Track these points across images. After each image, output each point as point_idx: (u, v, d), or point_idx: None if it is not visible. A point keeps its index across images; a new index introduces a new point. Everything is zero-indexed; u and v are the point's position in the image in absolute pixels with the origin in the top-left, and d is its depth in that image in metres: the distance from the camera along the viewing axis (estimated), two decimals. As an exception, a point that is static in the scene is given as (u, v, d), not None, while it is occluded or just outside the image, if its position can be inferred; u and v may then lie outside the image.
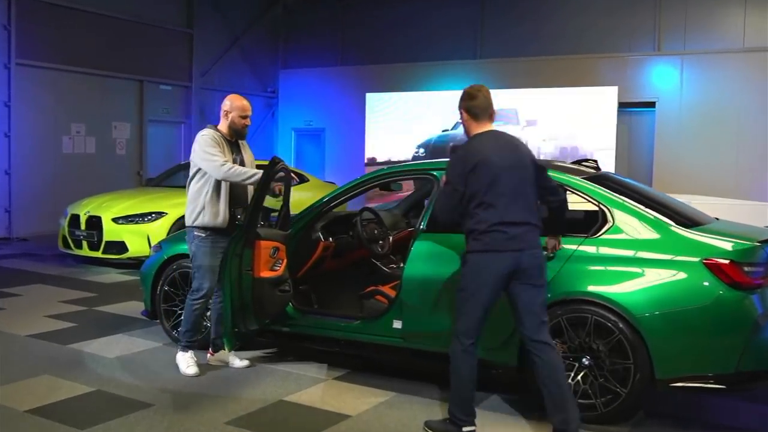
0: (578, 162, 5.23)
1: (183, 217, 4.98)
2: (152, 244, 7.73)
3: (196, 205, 4.74)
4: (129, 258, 9.07)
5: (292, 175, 5.09)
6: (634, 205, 4.29)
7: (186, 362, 4.87)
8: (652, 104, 13.16)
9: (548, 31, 14.22)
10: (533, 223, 3.80)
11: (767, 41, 12.40)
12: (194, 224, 4.74)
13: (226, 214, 4.74)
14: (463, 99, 3.99)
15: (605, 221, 4.26)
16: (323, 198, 5.15)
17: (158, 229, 8.90)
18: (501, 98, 13.42)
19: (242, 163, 4.83)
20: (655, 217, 4.21)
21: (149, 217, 9.11)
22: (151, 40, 14.29)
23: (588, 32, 13.86)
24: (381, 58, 15.55)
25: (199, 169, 4.74)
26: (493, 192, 3.76)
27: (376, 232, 5.41)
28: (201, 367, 4.89)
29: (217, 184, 4.71)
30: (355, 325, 4.90)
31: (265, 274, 4.56)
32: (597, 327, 4.07)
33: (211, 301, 4.90)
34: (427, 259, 4.50)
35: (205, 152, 4.67)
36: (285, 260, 4.78)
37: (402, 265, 5.66)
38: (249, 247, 4.49)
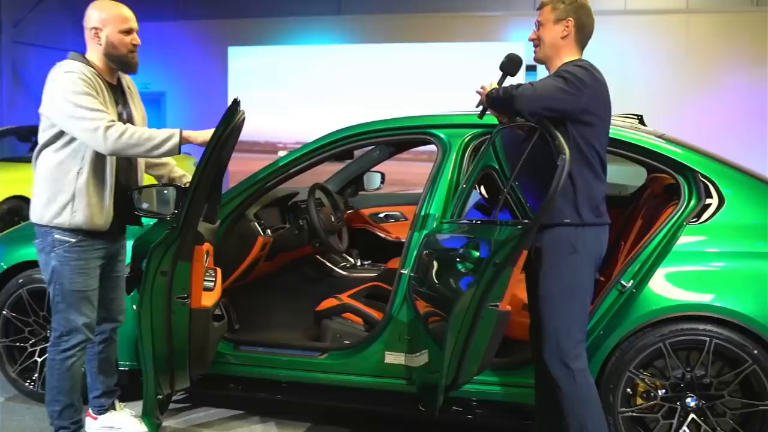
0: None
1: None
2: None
3: (57, 191, 2.84)
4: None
5: None
6: (751, 176, 3.01)
7: None
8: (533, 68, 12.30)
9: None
10: None
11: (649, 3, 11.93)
12: (55, 224, 2.86)
13: (111, 207, 2.92)
14: (576, 7, 2.68)
15: (707, 199, 2.95)
16: (260, 172, 3.43)
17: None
18: (374, 55, 12.20)
19: (130, 120, 2.99)
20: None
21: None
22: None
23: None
24: (234, 11, 13.51)
25: (62, 133, 2.84)
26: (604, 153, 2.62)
27: (332, 219, 3.77)
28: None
29: (98, 158, 2.85)
30: (321, 361, 3.29)
31: (207, 300, 2.80)
32: (717, 354, 2.78)
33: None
34: (448, 257, 2.95)
35: (75, 105, 2.75)
36: (219, 271, 3.05)
37: (384, 266, 4.14)
38: (185, 258, 2.69)
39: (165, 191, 3.17)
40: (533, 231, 2.21)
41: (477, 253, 2.34)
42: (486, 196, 3.30)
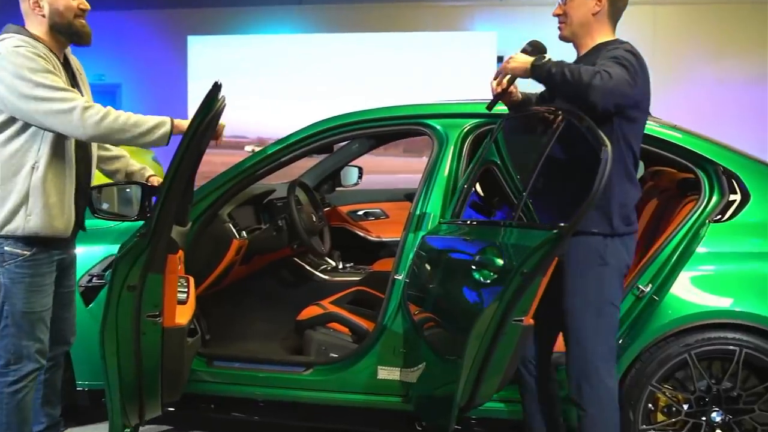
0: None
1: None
2: None
3: (7, 192, 2.42)
4: None
5: None
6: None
7: None
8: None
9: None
10: None
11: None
12: (5, 232, 2.43)
13: (72, 209, 2.54)
14: None
15: (731, 195, 2.70)
16: (235, 168, 3.07)
17: None
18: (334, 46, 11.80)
19: None
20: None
21: None
22: None
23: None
24: (193, 0, 12.98)
25: (11, 121, 2.41)
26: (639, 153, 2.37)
27: (314, 219, 3.44)
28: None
29: (57, 149, 2.44)
30: (305, 377, 2.96)
31: (182, 317, 2.43)
32: (746, 365, 2.54)
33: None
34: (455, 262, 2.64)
35: (36, 84, 2.33)
36: (191, 280, 2.69)
37: (368, 269, 3.82)
38: (156, 269, 2.32)
39: (127, 189, 2.81)
40: (569, 236, 1.91)
41: (495, 260, 2.04)
42: (482, 193, 3.02)
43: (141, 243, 2.25)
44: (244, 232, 3.24)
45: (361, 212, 4.52)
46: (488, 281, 2.06)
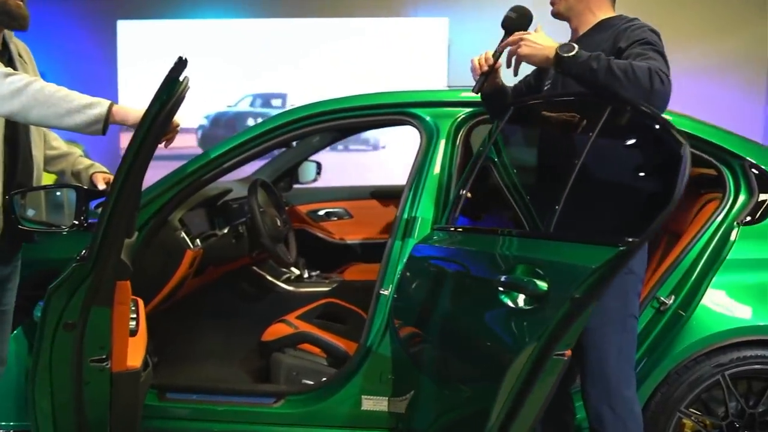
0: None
1: None
2: None
3: None
4: None
5: None
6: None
7: None
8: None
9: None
10: None
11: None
12: None
13: (0, 213, 2.07)
14: None
15: (761, 194, 2.39)
16: (186, 167, 2.60)
17: None
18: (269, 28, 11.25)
19: None
20: None
21: None
22: None
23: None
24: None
25: None
26: None
27: (278, 223, 3.00)
28: None
29: None
30: (276, 410, 2.54)
31: (134, 358, 1.95)
32: (786, 387, 2.25)
33: None
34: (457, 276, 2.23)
35: None
36: (140, 303, 2.23)
37: (337, 277, 3.40)
38: (102, 301, 1.83)
39: (58, 193, 2.33)
40: (633, 254, 1.54)
41: (532, 282, 1.65)
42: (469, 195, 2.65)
43: (81, 269, 1.77)
44: (198, 240, 2.79)
45: (321, 212, 4.10)
46: (523, 307, 1.68)
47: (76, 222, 2.19)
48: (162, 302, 2.72)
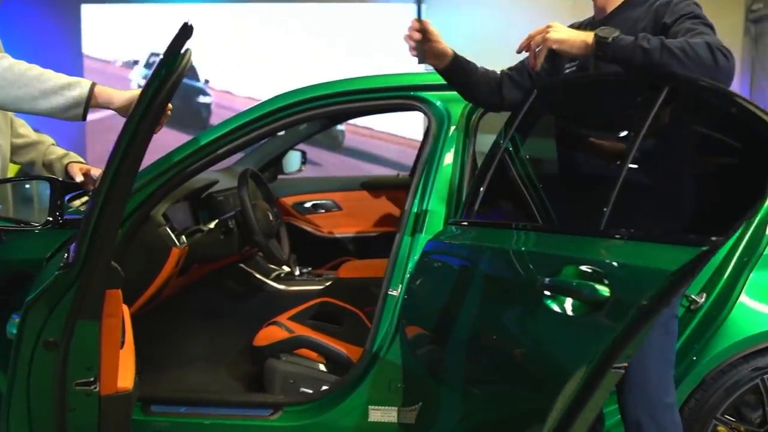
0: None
1: None
2: None
3: None
4: None
5: None
6: None
7: None
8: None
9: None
10: None
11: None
12: None
13: None
14: None
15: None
16: (172, 156, 2.35)
17: None
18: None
19: None
20: None
21: None
22: None
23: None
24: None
25: None
26: None
27: (270, 217, 2.76)
28: None
29: None
30: (273, 423, 2.32)
31: (125, 378, 1.70)
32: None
33: None
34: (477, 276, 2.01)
35: None
36: (126, 311, 1.98)
37: (330, 275, 3.18)
38: (89, 314, 1.56)
39: (27, 185, 2.08)
40: (713, 255, 1.35)
41: (587, 285, 1.45)
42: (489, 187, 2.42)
43: (64, 278, 1.52)
44: (183, 237, 2.54)
45: (308, 204, 3.86)
46: (576, 313, 1.48)
47: (51, 218, 1.94)
48: (144, 305, 2.48)
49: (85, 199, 2.48)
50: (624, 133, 1.65)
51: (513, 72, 2.14)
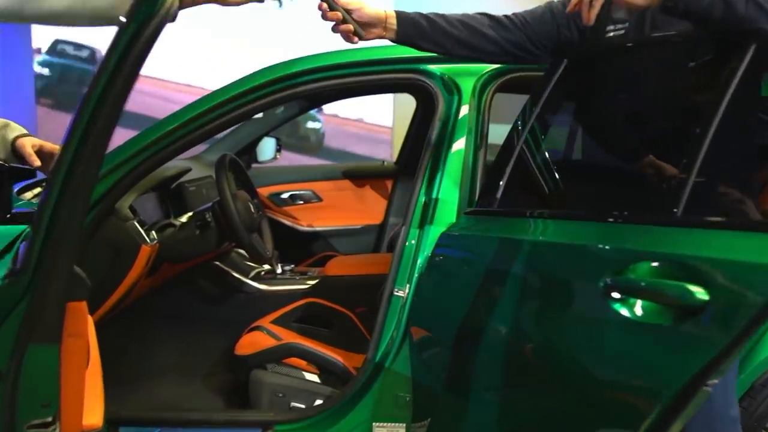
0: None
1: None
2: None
3: None
4: None
5: None
6: None
7: None
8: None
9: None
10: None
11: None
12: None
13: None
14: None
15: None
16: (139, 139, 2.03)
17: None
18: None
19: None
20: None
21: None
22: None
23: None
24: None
25: None
26: None
27: (252, 210, 2.44)
28: None
29: None
30: (263, 443, 2.03)
31: (94, 413, 1.37)
32: None
33: None
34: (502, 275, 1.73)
35: None
36: (90, 321, 1.66)
37: (314, 272, 2.89)
38: (46, 336, 1.20)
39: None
40: None
41: (676, 287, 1.17)
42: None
43: (11, 290, 1.18)
44: (153, 233, 2.22)
45: (285, 195, 3.55)
46: (656, 321, 1.21)
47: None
48: (108, 312, 2.15)
49: (38, 190, 2.15)
50: (698, 102, 1.39)
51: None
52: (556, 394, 1.42)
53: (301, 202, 3.55)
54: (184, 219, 2.43)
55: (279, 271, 2.83)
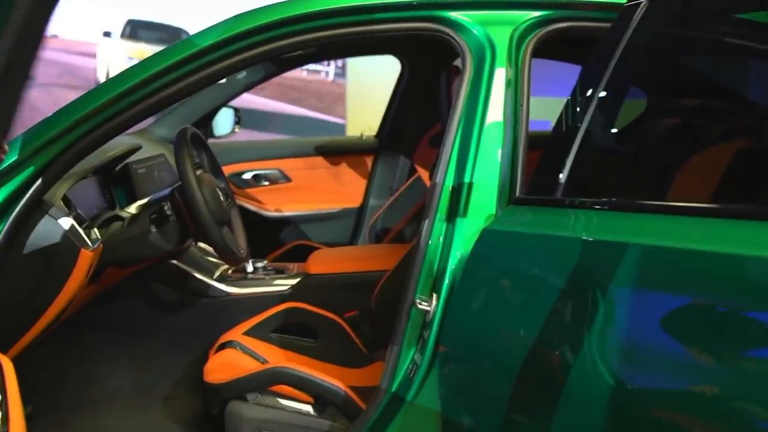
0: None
1: None
2: None
3: None
4: None
5: None
6: None
7: None
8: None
9: None
10: None
11: None
12: None
13: None
14: None
15: None
16: (74, 109, 1.53)
17: None
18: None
19: None
20: None
21: None
22: None
23: None
24: None
25: None
26: None
27: (221, 197, 1.95)
28: None
29: None
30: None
31: None
32: None
33: None
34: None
35: None
36: (3, 361, 1.18)
37: (292, 269, 2.43)
38: None
39: None
40: None
41: None
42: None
43: None
44: (95, 230, 1.72)
45: (248, 175, 3.06)
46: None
47: None
48: (38, 336, 1.66)
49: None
50: None
51: None
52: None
53: (267, 183, 3.08)
54: (133, 210, 1.94)
55: (250, 269, 2.35)
